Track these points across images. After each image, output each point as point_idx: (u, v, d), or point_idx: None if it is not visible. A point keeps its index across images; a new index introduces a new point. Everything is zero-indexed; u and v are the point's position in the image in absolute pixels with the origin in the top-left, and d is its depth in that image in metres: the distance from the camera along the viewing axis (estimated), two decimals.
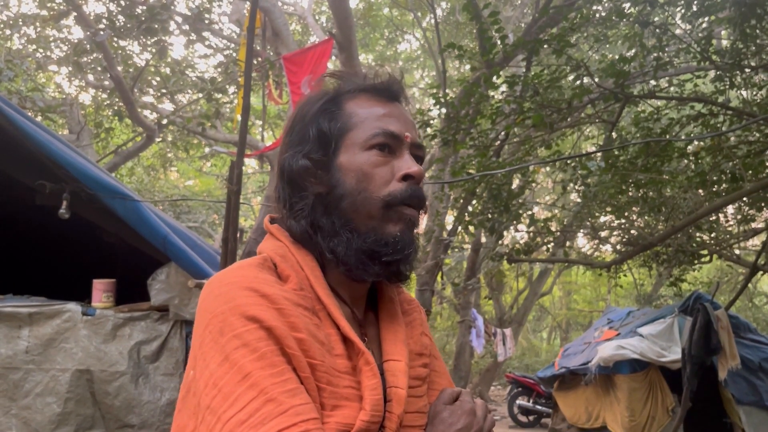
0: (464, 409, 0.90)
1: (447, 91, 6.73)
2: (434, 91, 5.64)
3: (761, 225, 6.82)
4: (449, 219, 10.11)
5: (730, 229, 7.05)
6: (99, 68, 9.04)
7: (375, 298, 1.02)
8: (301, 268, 0.90)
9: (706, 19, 4.94)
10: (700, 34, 4.89)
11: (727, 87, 5.02)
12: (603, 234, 7.64)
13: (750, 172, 5.07)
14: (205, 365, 0.77)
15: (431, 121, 5.62)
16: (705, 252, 6.83)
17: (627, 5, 5.06)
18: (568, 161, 5.66)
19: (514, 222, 5.73)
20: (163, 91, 9.86)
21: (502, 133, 5.77)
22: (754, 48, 4.72)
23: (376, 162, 0.92)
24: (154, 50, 8.88)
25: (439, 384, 1.01)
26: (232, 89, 9.03)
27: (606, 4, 5.71)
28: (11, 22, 9.20)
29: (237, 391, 0.73)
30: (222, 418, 0.73)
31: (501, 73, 5.02)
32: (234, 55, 9.38)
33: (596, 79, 4.85)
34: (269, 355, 0.76)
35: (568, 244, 8.89)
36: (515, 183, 6.21)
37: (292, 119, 1.00)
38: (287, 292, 0.84)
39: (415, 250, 0.93)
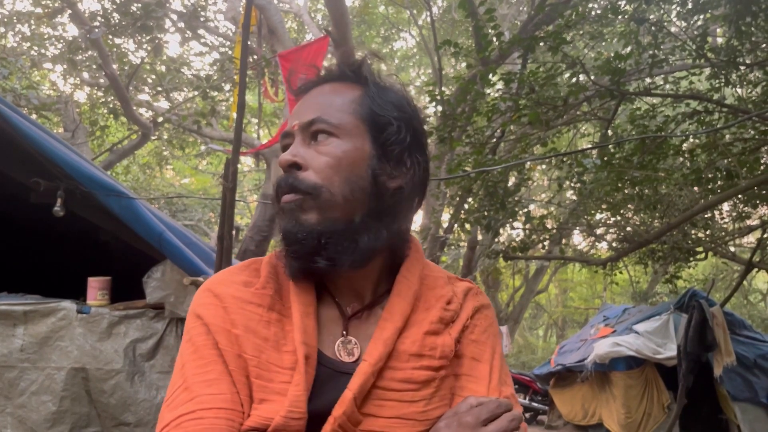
0: (461, 422, 0.83)
1: (443, 88, 6.73)
2: (430, 88, 5.63)
3: (756, 222, 6.84)
4: (445, 216, 10.12)
5: (725, 226, 7.07)
6: (94, 66, 9.01)
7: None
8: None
9: (702, 16, 4.95)
10: (695, 32, 4.90)
11: (723, 84, 5.03)
12: (599, 231, 7.66)
13: (745, 169, 5.08)
14: None
15: (427, 119, 5.62)
16: (700, 249, 6.85)
17: (622, 2, 5.07)
18: (564, 158, 5.67)
19: (510, 219, 5.73)
20: (159, 88, 9.84)
21: (498, 130, 5.77)
22: (749, 45, 4.73)
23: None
24: (149, 48, 8.86)
25: (470, 390, 0.92)
26: (227, 87, 9.01)
27: (601, 2, 5.72)
28: (6, 19, 9.15)
29: (175, 378, 0.85)
30: (164, 400, 0.85)
31: (497, 70, 5.02)
32: (229, 52, 9.35)
33: (592, 77, 4.86)
34: (201, 349, 0.85)
35: (564, 241, 8.91)
36: (511, 180, 6.21)
37: None
38: (242, 292, 0.90)
39: (311, 234, 0.87)
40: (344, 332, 0.92)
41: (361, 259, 0.90)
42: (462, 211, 6.56)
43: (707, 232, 6.82)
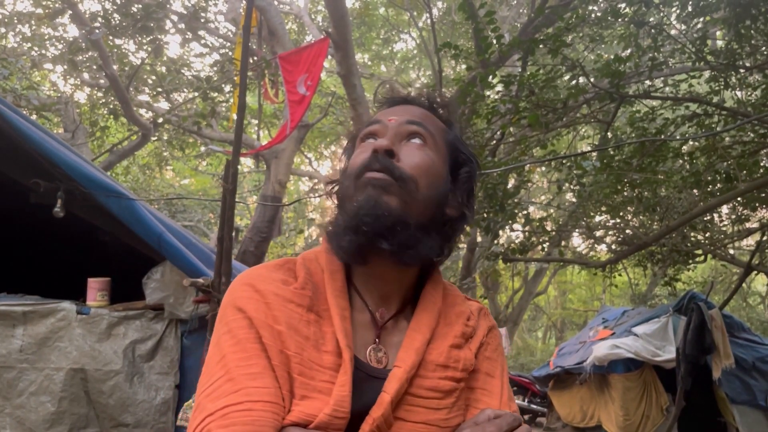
0: (485, 431, 0.86)
1: (443, 90, 6.72)
2: (433, 90, 5.62)
3: (755, 225, 6.84)
4: None
5: (724, 228, 7.08)
6: (94, 67, 9.01)
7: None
8: (322, 270, 0.97)
9: (701, 19, 4.96)
10: (695, 35, 4.91)
11: (722, 87, 5.04)
12: (598, 233, 7.66)
13: (744, 172, 5.09)
14: (209, 348, 0.90)
15: None
16: (699, 252, 6.85)
17: (622, 5, 5.07)
18: (564, 161, 5.68)
19: (510, 221, 5.74)
20: (159, 89, 9.84)
21: (498, 132, 5.77)
22: (748, 48, 4.74)
23: (357, 152, 0.98)
24: (149, 49, 8.86)
25: (484, 403, 0.98)
26: (227, 88, 9.01)
27: (601, 4, 5.72)
28: (6, 20, 9.16)
29: (213, 369, 0.85)
30: (199, 390, 0.85)
31: (497, 72, 5.02)
32: (230, 53, 9.36)
33: (592, 79, 4.86)
34: (244, 342, 0.86)
35: (563, 243, 8.91)
36: (511, 182, 6.21)
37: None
38: (283, 290, 0.91)
39: (386, 215, 0.89)
40: (376, 339, 0.96)
41: (416, 259, 0.95)
42: None
43: (706, 235, 6.82)
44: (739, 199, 5.72)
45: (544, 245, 7.36)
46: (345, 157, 1.07)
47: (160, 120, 9.59)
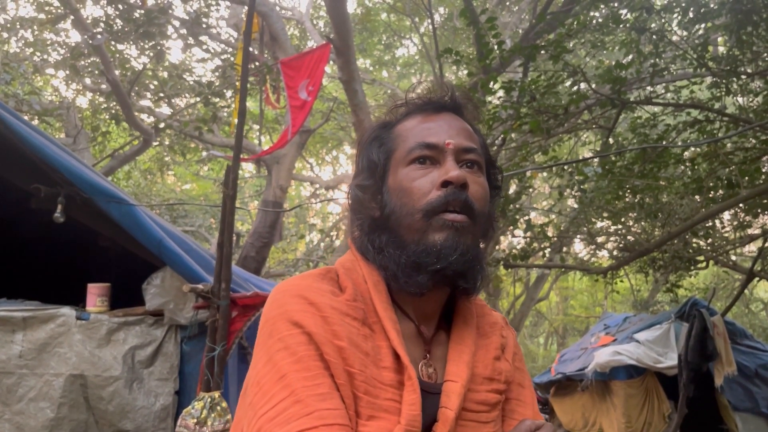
0: None
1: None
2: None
3: (757, 231, 6.82)
4: None
5: (726, 235, 7.06)
6: (96, 72, 9.03)
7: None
8: (365, 281, 0.93)
9: (703, 25, 4.95)
10: (696, 41, 4.91)
11: (724, 93, 5.03)
12: (600, 240, 7.65)
13: (746, 178, 5.07)
14: (255, 364, 0.85)
15: None
16: (701, 258, 6.83)
17: (624, 11, 5.08)
18: (565, 167, 5.67)
19: (511, 227, 5.73)
20: (161, 94, 9.86)
21: (499, 138, 5.77)
22: (750, 55, 4.74)
23: (414, 176, 0.93)
24: (151, 54, 8.88)
25: (520, 414, 0.99)
26: (229, 93, 9.02)
27: (603, 11, 5.73)
28: (8, 25, 9.19)
29: (273, 390, 0.79)
30: (257, 413, 0.79)
31: (498, 78, 5.02)
32: (231, 59, 9.37)
33: (593, 85, 4.87)
34: (306, 359, 0.80)
35: (564, 249, 8.89)
36: (512, 188, 6.21)
37: (356, 150, 1.06)
38: (337, 302, 0.88)
39: (465, 256, 0.89)
40: (427, 354, 0.95)
41: (479, 288, 0.96)
42: None
43: (708, 241, 6.80)
44: (741, 205, 5.71)
45: (546, 251, 7.35)
46: (370, 159, 1.00)
47: (162, 125, 9.59)
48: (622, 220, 6.61)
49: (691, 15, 4.82)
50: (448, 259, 0.88)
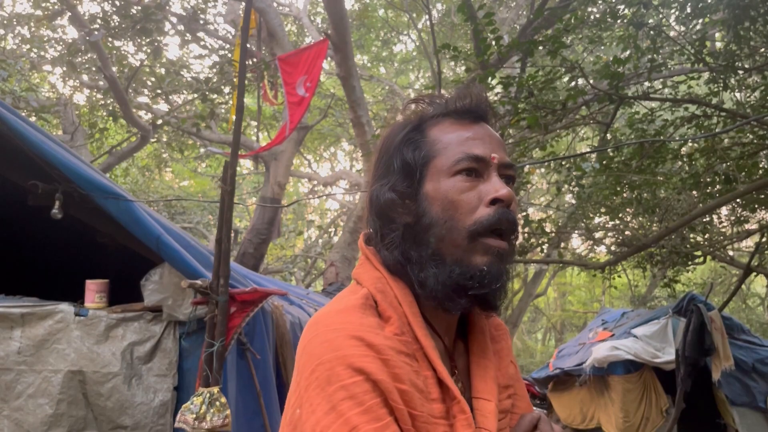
0: None
1: (442, 91, 6.72)
2: (429, 91, 5.61)
3: (755, 226, 6.84)
4: None
5: (723, 230, 7.08)
6: (93, 68, 9.01)
7: (464, 324, 1.02)
8: (400, 304, 0.90)
9: (700, 21, 4.96)
10: (694, 36, 4.91)
11: (721, 89, 5.04)
12: (597, 235, 7.66)
13: (743, 173, 5.09)
14: (312, 411, 0.79)
15: None
16: (699, 253, 6.85)
17: (621, 7, 5.07)
18: (563, 162, 5.67)
19: None
20: (158, 91, 9.83)
21: (497, 133, 5.76)
22: (747, 50, 4.74)
23: (462, 188, 0.90)
24: (148, 50, 8.86)
25: (519, 408, 1.00)
26: (227, 90, 9.01)
27: (600, 6, 5.72)
28: (5, 21, 9.16)
29: None
30: None
31: (496, 74, 5.02)
32: (229, 55, 9.36)
33: (591, 81, 4.86)
34: (375, 408, 0.77)
35: (562, 245, 8.90)
36: None
37: (378, 150, 1.01)
38: (391, 339, 0.85)
39: (505, 282, 0.90)
40: (455, 370, 0.95)
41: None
42: None
43: (706, 236, 6.82)
44: (738, 200, 5.72)
45: (544, 247, 7.36)
46: (406, 162, 0.95)
47: (160, 122, 9.59)
48: (620, 215, 6.62)
49: (688, 10, 4.82)
50: (491, 287, 0.87)
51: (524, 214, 5.89)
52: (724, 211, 6.67)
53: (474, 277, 0.87)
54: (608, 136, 5.65)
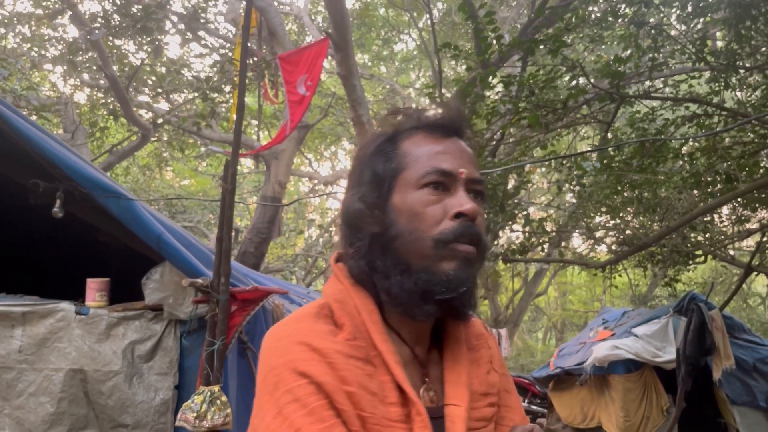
0: None
1: (443, 90, 6.73)
2: (430, 91, 5.64)
3: (755, 226, 6.84)
4: None
5: (724, 229, 7.07)
6: (94, 67, 9.01)
7: (441, 333, 1.02)
8: (359, 313, 0.91)
9: (701, 20, 4.95)
10: (695, 35, 4.91)
11: (722, 88, 5.03)
12: (598, 234, 7.66)
13: (744, 172, 5.08)
14: (262, 417, 0.82)
15: None
16: (700, 252, 6.85)
17: (622, 6, 5.07)
18: (564, 161, 5.67)
19: (510, 222, 5.73)
20: (159, 90, 9.83)
21: (498, 133, 5.77)
22: (748, 49, 4.74)
23: (427, 201, 0.91)
24: (149, 49, 8.86)
25: (510, 420, 1.00)
26: (227, 89, 9.01)
27: (601, 5, 5.72)
28: (6, 20, 9.16)
29: None
30: None
31: (497, 73, 5.02)
32: (230, 54, 9.35)
33: (592, 80, 4.86)
34: (319, 410, 0.79)
35: (563, 244, 8.90)
36: (511, 183, 6.21)
37: (353, 159, 1.02)
38: (340, 344, 0.86)
39: (472, 287, 0.90)
40: (426, 378, 0.95)
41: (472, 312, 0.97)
42: None
43: (706, 236, 6.82)
44: (739, 199, 5.72)
45: (544, 246, 7.36)
46: (376, 173, 0.96)
47: (160, 121, 9.58)
48: (621, 214, 6.62)
49: (689, 9, 4.82)
50: (458, 290, 0.88)
51: (525, 213, 5.88)
52: (725, 210, 6.67)
53: (440, 282, 0.88)
54: (609, 135, 5.65)
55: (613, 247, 7.32)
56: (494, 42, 4.73)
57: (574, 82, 4.98)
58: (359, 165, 0.99)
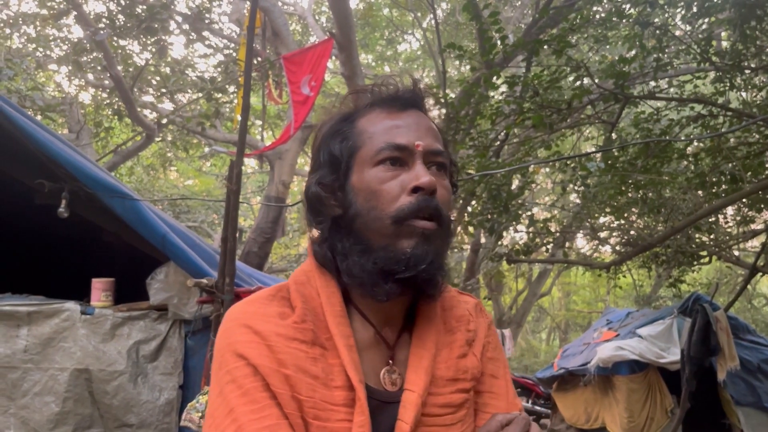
0: None
1: (447, 91, 6.73)
2: (434, 91, 5.62)
3: (760, 226, 6.81)
4: None
5: (729, 230, 7.05)
6: (99, 67, 9.03)
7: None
8: (318, 295, 0.91)
9: (706, 20, 4.94)
10: (700, 35, 4.89)
11: (727, 88, 5.02)
12: (602, 235, 7.65)
13: (749, 173, 5.07)
14: (210, 395, 0.86)
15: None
16: (704, 253, 6.83)
17: (627, 6, 5.06)
18: (568, 162, 5.66)
19: (514, 222, 5.72)
20: (163, 90, 9.86)
21: (502, 133, 5.76)
22: (754, 49, 4.72)
23: (383, 177, 0.89)
24: (154, 49, 8.88)
25: (493, 407, 0.97)
26: (232, 89, 9.02)
27: (606, 5, 5.71)
28: (11, 20, 9.19)
29: (223, 424, 0.80)
30: None
31: (501, 73, 5.01)
32: (234, 54, 9.37)
33: (596, 80, 4.85)
34: (252, 392, 0.81)
35: (567, 244, 8.89)
36: (515, 183, 6.20)
37: (313, 144, 1.00)
38: (284, 327, 0.86)
39: (434, 264, 0.87)
40: (390, 361, 0.93)
41: (443, 288, 0.95)
42: (465, 214, 6.55)
43: (711, 236, 6.80)
44: (744, 200, 5.70)
45: (548, 246, 7.34)
46: (332, 154, 0.94)
47: (165, 121, 9.61)
48: (625, 215, 6.61)
49: (694, 9, 4.81)
50: (418, 268, 0.85)
51: (529, 213, 5.87)
52: (729, 210, 6.66)
53: (399, 261, 0.86)
54: (613, 135, 5.63)
55: (618, 248, 7.31)
56: (498, 42, 4.72)
57: (578, 83, 4.97)
58: (317, 147, 0.98)
